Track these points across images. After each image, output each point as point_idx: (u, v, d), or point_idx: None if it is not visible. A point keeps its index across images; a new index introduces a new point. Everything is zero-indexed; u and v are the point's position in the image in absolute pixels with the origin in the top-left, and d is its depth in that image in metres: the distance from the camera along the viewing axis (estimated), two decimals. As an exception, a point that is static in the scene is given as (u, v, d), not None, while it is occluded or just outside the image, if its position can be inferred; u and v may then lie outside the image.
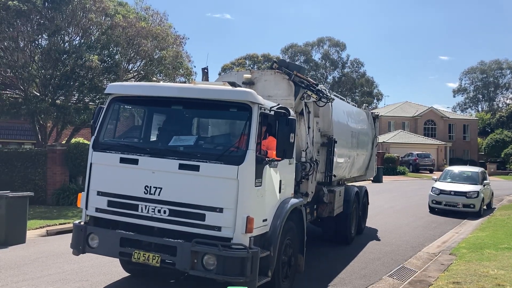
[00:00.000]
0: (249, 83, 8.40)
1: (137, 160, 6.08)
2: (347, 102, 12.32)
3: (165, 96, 6.35)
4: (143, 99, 6.66)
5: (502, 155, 51.25)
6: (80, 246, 6.32)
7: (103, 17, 18.34)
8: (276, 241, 6.15)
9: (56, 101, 17.70)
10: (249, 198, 5.70)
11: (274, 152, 6.01)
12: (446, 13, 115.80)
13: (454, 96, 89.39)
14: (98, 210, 6.34)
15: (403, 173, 40.18)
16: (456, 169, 19.87)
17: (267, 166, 6.07)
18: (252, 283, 5.55)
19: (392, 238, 11.95)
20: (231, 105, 6.02)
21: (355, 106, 13.26)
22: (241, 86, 7.13)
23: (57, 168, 15.83)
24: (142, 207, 5.99)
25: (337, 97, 10.60)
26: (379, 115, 17.08)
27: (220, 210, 5.66)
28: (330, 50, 74.65)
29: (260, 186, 5.92)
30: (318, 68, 74.10)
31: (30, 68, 17.15)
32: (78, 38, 18.62)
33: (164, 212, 5.87)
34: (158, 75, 20.62)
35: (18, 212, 9.99)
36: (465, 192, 16.84)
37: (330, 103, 8.87)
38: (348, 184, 12.22)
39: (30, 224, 11.11)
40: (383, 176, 31.34)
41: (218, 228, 5.67)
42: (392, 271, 8.66)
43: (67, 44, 17.95)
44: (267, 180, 6.09)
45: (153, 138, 6.93)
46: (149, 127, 6.98)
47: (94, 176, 6.42)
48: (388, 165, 39.29)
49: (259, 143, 5.97)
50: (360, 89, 74.71)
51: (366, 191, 12.74)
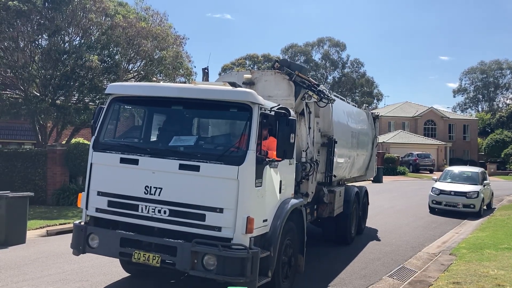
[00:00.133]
0: (249, 83, 8.39)
1: (137, 160, 6.08)
2: (347, 102, 12.31)
3: (165, 96, 6.35)
4: (143, 99, 6.66)
5: (502, 155, 51.25)
6: (80, 246, 6.32)
7: (103, 17, 18.34)
8: (276, 242, 6.15)
9: (56, 101, 17.70)
10: (249, 199, 5.70)
11: (275, 152, 6.02)
12: (446, 13, 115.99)
13: (454, 96, 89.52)
14: (98, 210, 6.34)
15: (403, 173, 40.18)
16: (456, 169, 19.84)
17: (268, 166, 6.07)
18: (252, 283, 5.55)
19: (392, 238, 11.95)
20: (232, 105, 6.02)
21: (355, 106, 13.25)
22: (241, 87, 7.12)
23: (57, 168, 15.84)
24: (142, 207, 5.99)
25: (337, 97, 10.60)
26: (379, 115, 17.06)
27: (220, 210, 5.66)
28: (330, 50, 74.69)
29: (261, 186, 5.92)
30: (318, 68, 74.09)
31: (30, 68, 17.15)
32: (78, 38, 18.64)
33: (164, 212, 5.88)
34: (158, 75, 20.62)
35: (18, 212, 9.99)
36: (465, 192, 16.84)
37: (330, 104, 8.87)
38: (348, 184, 12.23)
39: (30, 224, 11.12)
40: (383, 176, 31.35)
41: (218, 229, 5.67)
42: (392, 271, 8.66)
43: (67, 44, 17.96)
44: (267, 180, 6.09)
45: (153, 138, 6.93)
46: (149, 127, 6.98)
47: (94, 176, 6.42)
48: (388, 165, 39.30)
49: (260, 143, 5.97)
50: (360, 89, 74.71)
51: (366, 191, 12.74)
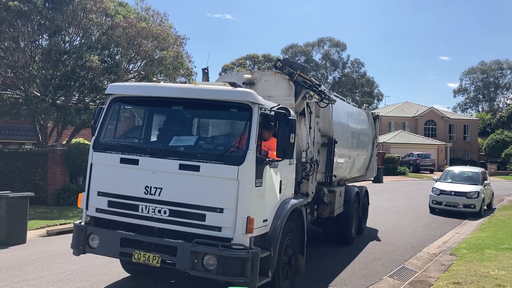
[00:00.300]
0: (250, 84, 8.40)
1: (138, 160, 6.09)
2: (347, 102, 12.31)
3: (166, 96, 6.34)
4: (144, 100, 6.66)
5: (503, 155, 51.20)
6: (80, 247, 6.32)
7: (104, 18, 18.35)
8: (277, 242, 6.15)
9: (57, 102, 17.70)
10: (250, 199, 5.70)
11: (275, 152, 6.02)
12: (446, 13, 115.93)
13: (455, 96, 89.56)
14: (98, 210, 6.34)
15: (404, 174, 40.16)
16: (457, 169, 19.83)
17: (268, 166, 6.07)
18: (252, 283, 5.55)
19: (393, 239, 11.95)
20: (232, 105, 6.02)
21: (355, 106, 13.25)
22: (241, 87, 7.12)
23: (58, 168, 15.84)
24: (142, 208, 5.99)
25: (338, 97, 10.59)
26: (380, 115, 17.07)
27: (221, 210, 5.66)
28: (331, 50, 74.72)
29: (261, 186, 5.92)
30: (318, 68, 74.10)
31: (30, 69, 17.16)
32: (78, 39, 18.65)
33: (165, 212, 5.88)
34: (158, 76, 20.63)
35: (19, 212, 9.99)
36: (466, 193, 16.83)
37: (331, 104, 8.85)
38: (349, 184, 12.22)
39: (30, 224, 11.12)
40: (384, 177, 31.33)
41: (219, 229, 5.67)
42: (393, 272, 8.66)
43: (67, 44, 17.96)
44: (267, 180, 6.08)
45: (154, 138, 6.93)
46: (149, 128, 6.98)
47: (95, 177, 6.42)
48: (388, 165, 39.29)
49: (260, 143, 5.97)
50: (361, 89, 74.72)
51: (366, 192, 12.73)
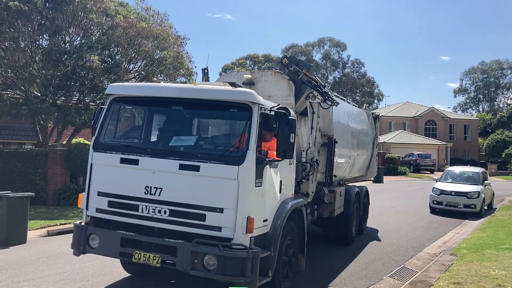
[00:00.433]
0: (249, 84, 8.39)
1: (138, 160, 6.09)
2: (347, 102, 12.31)
3: (166, 96, 6.35)
4: (144, 100, 6.66)
5: (503, 156, 51.16)
6: (80, 247, 6.32)
7: (104, 18, 18.35)
8: (277, 242, 6.15)
9: (57, 102, 17.70)
10: (250, 199, 5.69)
11: (275, 152, 6.01)
12: (447, 13, 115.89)
13: (455, 96, 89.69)
14: (98, 210, 6.34)
15: (404, 174, 40.16)
16: (457, 169, 19.82)
17: (268, 166, 6.07)
18: (252, 283, 5.56)
19: (393, 239, 11.94)
20: (232, 105, 6.02)
21: (355, 106, 13.25)
22: (241, 87, 7.12)
23: (58, 169, 15.85)
24: (142, 208, 5.99)
25: (338, 97, 10.58)
26: (380, 115, 17.05)
27: (221, 210, 5.66)
28: (331, 50, 74.74)
29: (261, 186, 5.92)
30: (318, 68, 74.08)
31: (30, 69, 17.16)
32: (78, 39, 18.65)
33: (165, 212, 5.88)
34: (158, 76, 20.63)
35: (19, 212, 9.99)
36: (466, 193, 16.82)
37: (325, 102, 8.73)
38: (349, 184, 12.22)
39: (31, 224, 11.12)
40: (384, 177, 31.34)
41: (219, 229, 5.67)
42: (393, 272, 8.66)
43: (67, 44, 17.96)
44: (267, 180, 6.08)
45: (154, 138, 6.93)
46: (149, 128, 6.98)
47: (95, 177, 6.42)
48: (388, 166, 39.29)
49: (260, 143, 5.97)
50: (361, 89, 74.73)
51: (366, 192, 12.73)
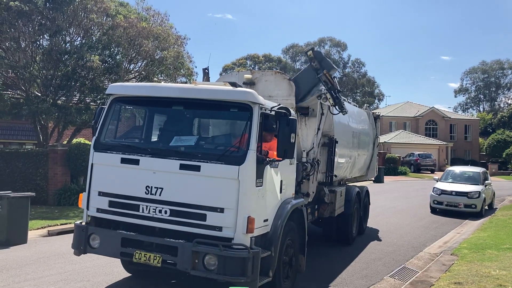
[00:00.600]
0: (250, 84, 8.40)
1: (138, 160, 6.09)
2: (348, 102, 12.29)
3: (166, 96, 6.35)
4: (144, 100, 6.67)
5: (504, 155, 51.09)
6: (81, 247, 6.31)
7: (104, 18, 18.36)
8: (277, 241, 6.15)
9: (57, 102, 17.71)
10: (250, 198, 5.69)
11: (275, 152, 6.01)
12: (447, 13, 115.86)
13: (456, 96, 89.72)
14: (99, 210, 6.34)
15: (405, 173, 40.15)
16: (458, 169, 19.80)
17: (268, 166, 6.06)
18: (253, 283, 5.55)
19: (394, 239, 11.94)
20: (232, 105, 6.02)
21: (356, 106, 13.24)
22: (241, 87, 7.11)
23: (59, 168, 15.86)
24: (143, 208, 5.99)
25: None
26: (380, 115, 17.07)
27: (221, 210, 5.66)
28: (331, 50, 74.70)
29: (261, 186, 5.92)
30: (319, 68, 74.01)
31: (31, 69, 17.17)
32: (79, 39, 18.66)
33: (165, 212, 5.88)
34: (159, 76, 20.65)
35: (20, 212, 10.00)
36: (467, 193, 16.82)
37: (335, 107, 8.66)
38: (349, 184, 12.22)
39: (31, 224, 11.13)
40: (385, 177, 31.33)
41: (219, 228, 5.66)
42: (394, 272, 8.65)
43: (68, 44, 17.97)
44: (268, 180, 6.08)
45: (154, 138, 6.94)
46: (150, 128, 6.98)
47: (95, 177, 6.42)
48: (389, 165, 39.27)
49: (260, 143, 5.97)
50: (361, 89, 74.71)
51: (367, 191, 12.72)
